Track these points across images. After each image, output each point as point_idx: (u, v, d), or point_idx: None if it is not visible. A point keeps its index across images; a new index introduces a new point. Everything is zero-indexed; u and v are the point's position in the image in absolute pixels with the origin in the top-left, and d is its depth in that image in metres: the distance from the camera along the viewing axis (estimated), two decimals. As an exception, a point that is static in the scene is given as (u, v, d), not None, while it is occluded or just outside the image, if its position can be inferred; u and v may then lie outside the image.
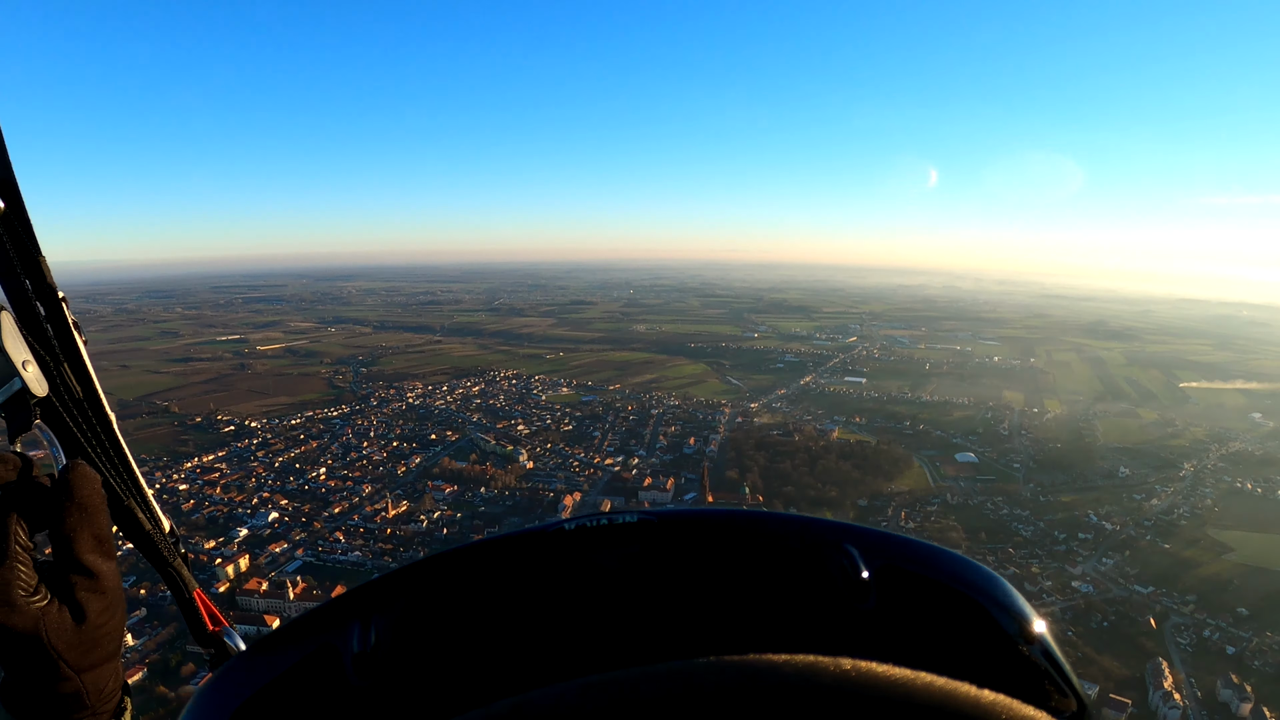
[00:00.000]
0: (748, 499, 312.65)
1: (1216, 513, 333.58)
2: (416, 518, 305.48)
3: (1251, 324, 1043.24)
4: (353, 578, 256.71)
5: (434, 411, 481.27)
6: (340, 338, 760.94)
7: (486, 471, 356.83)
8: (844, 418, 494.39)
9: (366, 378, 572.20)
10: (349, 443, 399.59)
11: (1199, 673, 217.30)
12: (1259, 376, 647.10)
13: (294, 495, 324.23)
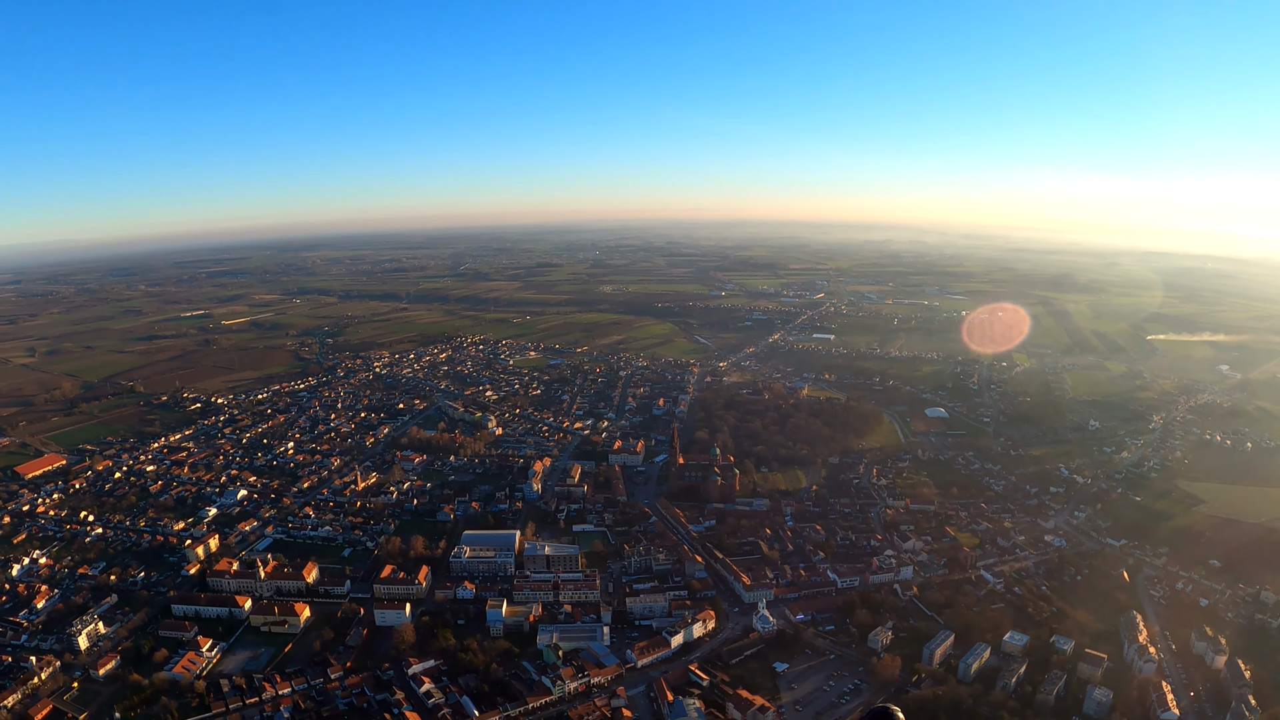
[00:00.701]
0: (719, 459, 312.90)
1: (1186, 465, 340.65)
2: (386, 489, 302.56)
3: (1217, 276, 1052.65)
4: (324, 554, 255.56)
5: (401, 380, 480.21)
6: (305, 308, 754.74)
7: (455, 439, 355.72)
8: (813, 375, 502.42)
9: (333, 348, 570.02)
10: (316, 415, 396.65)
11: (1173, 625, 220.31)
12: (1226, 328, 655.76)
13: (262, 471, 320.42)
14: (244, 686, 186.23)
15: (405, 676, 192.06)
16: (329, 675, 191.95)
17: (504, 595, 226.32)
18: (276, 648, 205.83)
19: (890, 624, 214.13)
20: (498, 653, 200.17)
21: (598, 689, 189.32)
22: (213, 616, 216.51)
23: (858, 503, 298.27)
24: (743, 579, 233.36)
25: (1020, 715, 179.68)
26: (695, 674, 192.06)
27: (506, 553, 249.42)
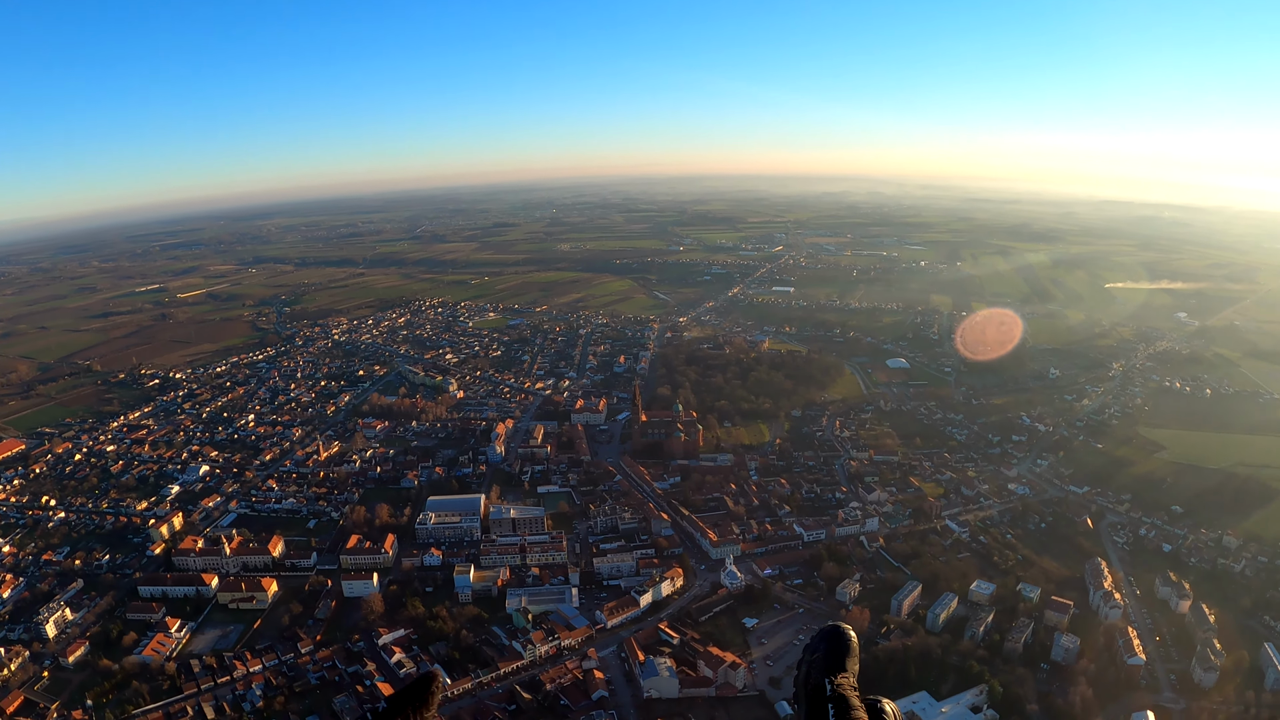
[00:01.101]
0: (681, 415, 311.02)
1: (1147, 411, 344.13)
2: (349, 458, 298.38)
3: (1174, 225, 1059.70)
4: (289, 526, 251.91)
5: (360, 346, 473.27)
6: (262, 278, 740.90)
7: (417, 404, 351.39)
8: (774, 328, 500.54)
9: (290, 317, 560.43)
10: (276, 386, 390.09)
11: (1137, 571, 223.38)
12: (1183, 276, 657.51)
13: (224, 446, 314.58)
14: (215, 666, 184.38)
15: (376, 647, 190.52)
16: (299, 650, 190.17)
17: (471, 560, 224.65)
18: (245, 624, 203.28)
19: (857, 576, 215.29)
20: (467, 619, 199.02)
21: (568, 651, 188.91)
22: (180, 596, 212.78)
23: (821, 455, 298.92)
24: (709, 535, 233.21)
25: (989, 664, 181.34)
26: (665, 632, 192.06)
27: (472, 517, 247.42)
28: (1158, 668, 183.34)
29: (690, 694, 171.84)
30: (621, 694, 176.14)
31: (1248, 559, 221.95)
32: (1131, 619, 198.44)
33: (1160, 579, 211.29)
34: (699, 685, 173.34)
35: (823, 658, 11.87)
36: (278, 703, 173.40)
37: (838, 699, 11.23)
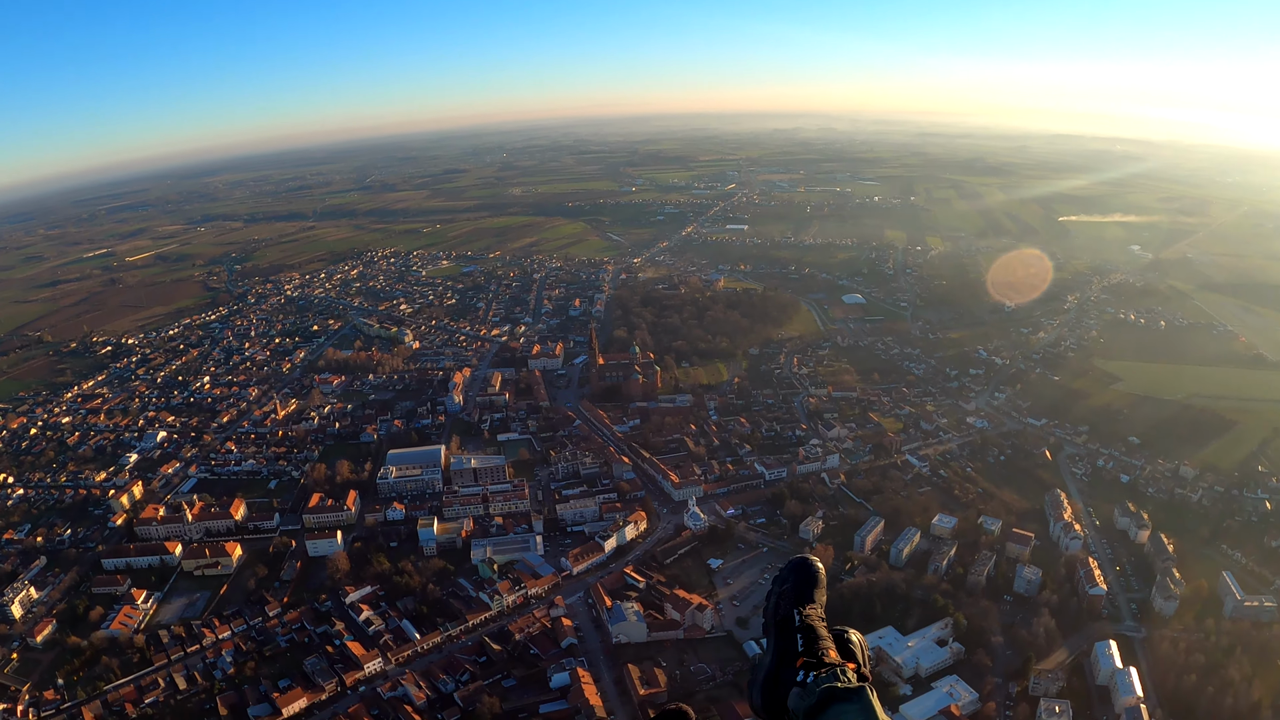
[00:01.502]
0: (638, 357, 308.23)
1: (1102, 344, 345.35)
2: (307, 415, 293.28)
3: (1127, 158, 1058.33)
4: (250, 488, 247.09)
5: (314, 301, 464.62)
6: (211, 236, 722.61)
7: (373, 357, 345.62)
8: (728, 266, 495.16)
9: (242, 275, 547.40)
10: (230, 346, 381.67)
11: (1096, 502, 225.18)
12: (1136, 209, 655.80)
13: (180, 410, 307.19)
14: (183, 635, 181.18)
15: (343, 606, 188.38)
16: (267, 613, 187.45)
17: (434, 513, 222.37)
18: (212, 591, 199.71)
19: (820, 513, 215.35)
20: (433, 572, 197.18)
21: (536, 600, 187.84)
22: (144, 567, 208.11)
23: (780, 393, 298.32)
24: (671, 477, 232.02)
25: (953, 597, 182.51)
26: (631, 577, 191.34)
27: (433, 469, 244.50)
28: (1119, 597, 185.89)
29: (659, 637, 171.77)
30: (591, 640, 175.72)
31: (1204, 489, 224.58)
32: (1092, 549, 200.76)
33: (1119, 509, 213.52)
34: (667, 628, 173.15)
35: (791, 590, 11.97)
36: (248, 668, 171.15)
37: (806, 629, 11.43)
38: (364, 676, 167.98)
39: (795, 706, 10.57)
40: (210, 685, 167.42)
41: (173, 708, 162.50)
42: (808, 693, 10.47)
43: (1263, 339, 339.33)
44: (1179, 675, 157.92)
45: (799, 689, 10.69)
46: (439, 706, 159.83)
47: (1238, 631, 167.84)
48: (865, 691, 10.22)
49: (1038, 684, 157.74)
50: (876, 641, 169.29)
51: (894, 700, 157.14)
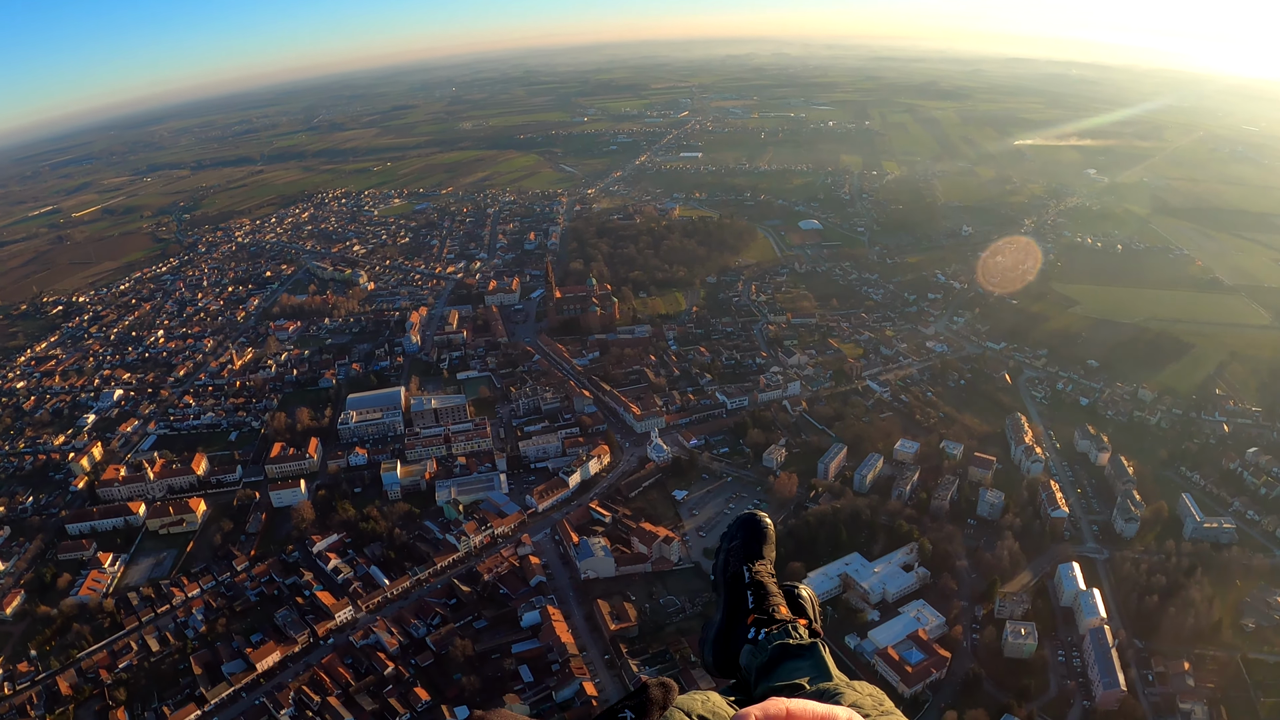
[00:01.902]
0: (596, 289, 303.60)
1: (1060, 267, 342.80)
2: (264, 363, 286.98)
3: (1082, 82, 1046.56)
4: (210, 442, 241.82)
5: (265, 247, 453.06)
6: (158, 186, 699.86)
7: (328, 301, 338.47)
8: (683, 194, 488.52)
9: (191, 224, 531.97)
10: (183, 297, 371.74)
11: (1056, 425, 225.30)
12: (1092, 134, 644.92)
13: (135, 366, 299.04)
14: (153, 596, 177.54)
15: (311, 556, 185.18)
16: (235, 568, 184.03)
17: (396, 456, 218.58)
18: (178, 549, 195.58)
19: (783, 441, 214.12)
20: (399, 516, 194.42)
21: (502, 539, 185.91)
22: (109, 529, 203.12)
23: (739, 321, 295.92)
24: (632, 409, 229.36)
25: (918, 522, 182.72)
26: (597, 511, 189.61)
27: (394, 411, 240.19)
28: (1080, 519, 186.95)
29: (627, 571, 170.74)
30: (559, 577, 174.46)
31: (1163, 411, 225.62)
32: (1053, 472, 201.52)
33: (1079, 432, 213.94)
34: (635, 562, 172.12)
35: (740, 546, 11.86)
36: (219, 625, 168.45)
37: (756, 586, 11.28)
38: (335, 626, 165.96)
39: (747, 664, 10.39)
40: (183, 645, 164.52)
41: (147, 670, 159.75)
42: (760, 650, 10.29)
43: (1219, 263, 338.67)
44: (1141, 596, 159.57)
45: (751, 646, 10.48)
46: (411, 652, 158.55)
47: (1198, 553, 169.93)
48: (818, 648, 10.09)
49: (1003, 607, 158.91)
50: (843, 568, 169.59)
51: (862, 626, 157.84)
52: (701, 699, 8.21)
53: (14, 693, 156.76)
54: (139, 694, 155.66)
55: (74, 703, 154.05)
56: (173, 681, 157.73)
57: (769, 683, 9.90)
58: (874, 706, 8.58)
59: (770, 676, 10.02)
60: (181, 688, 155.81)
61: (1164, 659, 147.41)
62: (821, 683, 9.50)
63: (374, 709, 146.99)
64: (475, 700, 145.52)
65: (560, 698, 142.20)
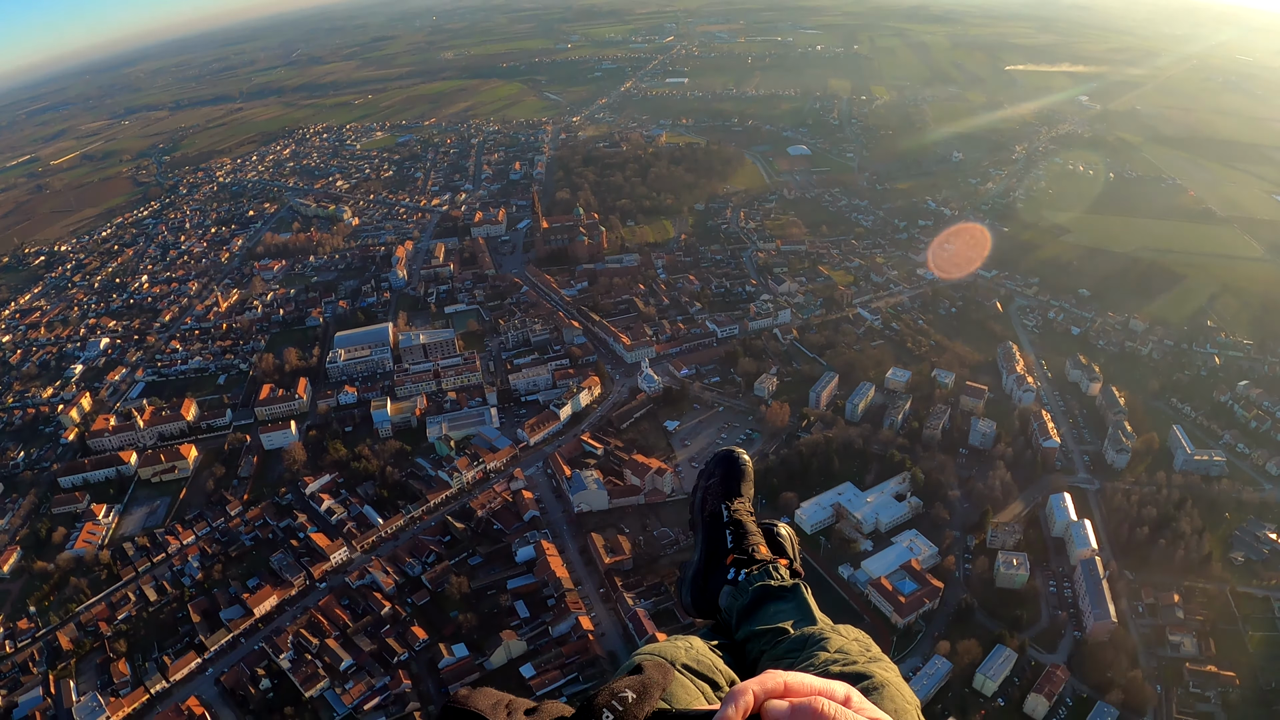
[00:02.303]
0: (583, 219, 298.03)
1: (1051, 195, 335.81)
2: (250, 304, 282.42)
3: (1074, 7, 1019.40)
4: (199, 386, 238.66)
5: (247, 186, 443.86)
6: (136, 129, 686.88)
7: (312, 238, 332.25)
8: (670, 121, 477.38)
9: (171, 165, 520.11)
10: (166, 241, 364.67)
11: (1048, 354, 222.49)
12: (1083, 59, 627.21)
13: (120, 313, 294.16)
14: (148, 545, 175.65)
15: (304, 497, 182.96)
16: (229, 513, 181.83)
17: (386, 394, 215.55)
18: (171, 496, 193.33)
19: (774, 370, 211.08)
20: (390, 454, 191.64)
21: (495, 474, 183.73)
22: (101, 480, 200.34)
23: (728, 248, 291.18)
24: (622, 339, 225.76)
25: (910, 451, 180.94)
26: (588, 444, 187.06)
27: (382, 348, 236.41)
28: (1072, 449, 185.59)
29: (620, 504, 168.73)
30: (553, 511, 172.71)
31: (1154, 342, 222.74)
32: (1045, 402, 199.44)
33: (1071, 362, 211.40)
34: (628, 494, 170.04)
35: (718, 483, 11.63)
36: (216, 571, 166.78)
37: (734, 523, 11.12)
38: (331, 567, 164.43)
39: (728, 606, 10.18)
40: (180, 593, 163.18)
41: (146, 620, 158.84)
42: (740, 592, 10.10)
43: (1211, 193, 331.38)
44: (1132, 528, 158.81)
45: (731, 588, 10.29)
46: (408, 590, 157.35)
47: (1188, 485, 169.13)
48: (800, 589, 9.93)
49: (995, 537, 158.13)
50: (835, 498, 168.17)
51: (855, 556, 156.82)
52: (684, 646, 7.83)
53: (15, 650, 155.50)
54: (139, 644, 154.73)
55: (75, 657, 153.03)
56: (172, 630, 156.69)
57: (751, 626, 9.60)
58: (861, 653, 8.04)
59: (752, 619, 9.71)
60: (181, 636, 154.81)
61: (1154, 591, 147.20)
62: (806, 626, 9.17)
63: (372, 649, 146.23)
64: (472, 637, 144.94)
65: (556, 632, 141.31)
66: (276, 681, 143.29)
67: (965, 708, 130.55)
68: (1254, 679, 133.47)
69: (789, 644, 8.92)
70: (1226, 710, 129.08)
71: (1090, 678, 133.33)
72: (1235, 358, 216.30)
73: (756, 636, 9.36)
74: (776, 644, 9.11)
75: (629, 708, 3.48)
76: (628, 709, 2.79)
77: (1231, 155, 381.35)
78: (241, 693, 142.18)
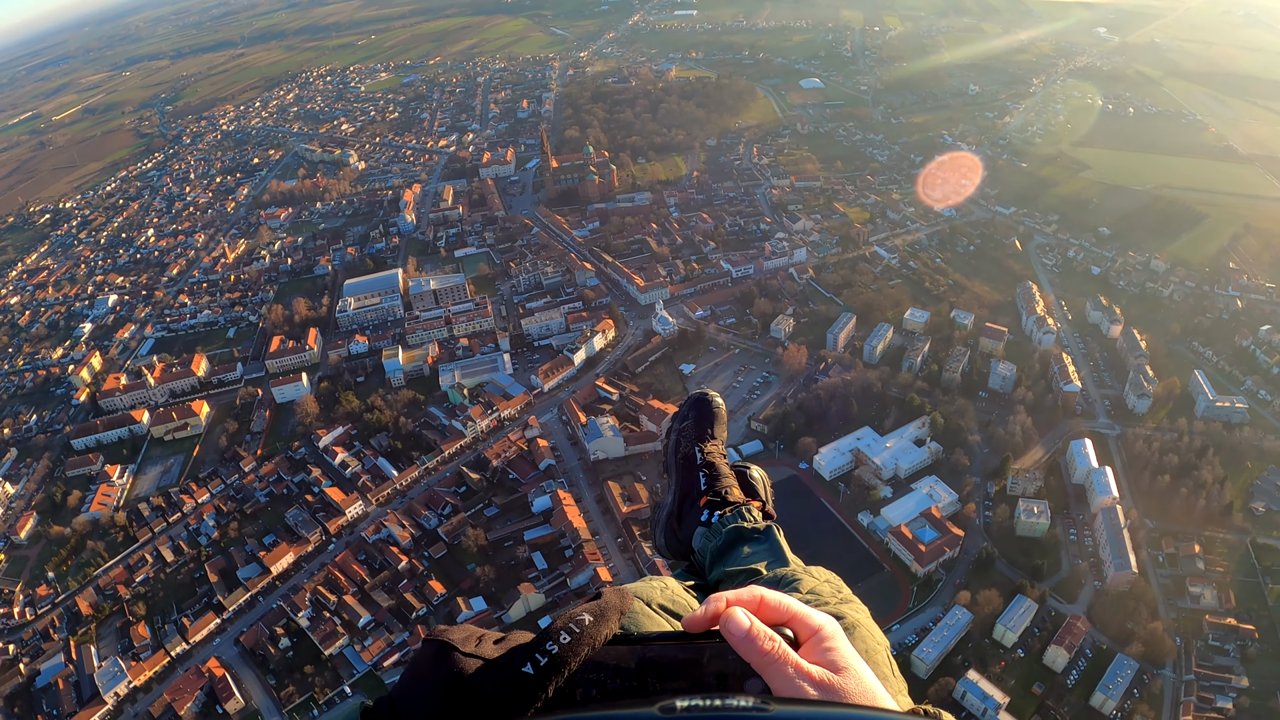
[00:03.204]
0: (593, 157, 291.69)
1: (1070, 129, 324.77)
2: (257, 255, 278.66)
3: None
4: (209, 340, 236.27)
5: (251, 133, 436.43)
6: (138, 79, 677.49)
7: (318, 184, 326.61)
8: (679, 55, 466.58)
9: (174, 115, 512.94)
10: (171, 193, 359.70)
11: (1068, 295, 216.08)
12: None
13: (127, 269, 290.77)
14: (164, 505, 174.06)
15: (318, 451, 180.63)
16: (243, 469, 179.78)
17: (397, 342, 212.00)
18: (185, 454, 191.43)
19: (790, 310, 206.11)
20: (403, 404, 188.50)
21: (509, 422, 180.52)
22: (114, 441, 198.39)
23: (742, 185, 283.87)
24: (636, 281, 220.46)
25: (929, 395, 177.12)
26: (603, 389, 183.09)
27: (392, 295, 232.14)
28: (1092, 394, 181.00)
29: (636, 450, 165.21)
30: (569, 459, 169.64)
31: (1175, 283, 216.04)
32: (1065, 344, 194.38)
33: (1091, 303, 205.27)
34: (644, 441, 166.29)
35: (691, 426, 11.33)
36: (231, 529, 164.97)
37: (707, 466, 10.88)
38: (347, 522, 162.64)
39: (701, 547, 10.17)
40: (197, 552, 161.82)
41: (164, 582, 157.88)
42: (714, 533, 10.07)
43: (1232, 130, 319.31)
44: (1153, 476, 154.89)
45: (704, 530, 10.22)
46: (424, 544, 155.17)
47: (1210, 432, 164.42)
48: (773, 531, 10.02)
49: (1015, 483, 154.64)
50: (854, 443, 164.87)
51: (875, 504, 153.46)
52: (660, 586, 7.89)
53: (36, 617, 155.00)
54: (158, 606, 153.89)
55: (95, 621, 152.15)
56: (190, 591, 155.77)
57: (724, 567, 9.60)
58: (833, 594, 8.20)
59: (725, 560, 9.69)
60: (199, 597, 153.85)
61: (1174, 540, 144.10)
62: (778, 568, 9.22)
63: (390, 605, 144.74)
64: (490, 590, 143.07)
65: (575, 584, 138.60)
66: (296, 640, 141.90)
67: (985, 659, 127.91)
68: (1273, 632, 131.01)
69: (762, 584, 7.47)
70: (1245, 664, 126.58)
71: (1110, 629, 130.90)
72: (1258, 301, 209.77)
73: (730, 577, 9.26)
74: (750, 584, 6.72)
75: (585, 629, 3.17)
76: (585, 630, 3.28)
77: (1253, 92, 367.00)
78: (261, 652, 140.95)
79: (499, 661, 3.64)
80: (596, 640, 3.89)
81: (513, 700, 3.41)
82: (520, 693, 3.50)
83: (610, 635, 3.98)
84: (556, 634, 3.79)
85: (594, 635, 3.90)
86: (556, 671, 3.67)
